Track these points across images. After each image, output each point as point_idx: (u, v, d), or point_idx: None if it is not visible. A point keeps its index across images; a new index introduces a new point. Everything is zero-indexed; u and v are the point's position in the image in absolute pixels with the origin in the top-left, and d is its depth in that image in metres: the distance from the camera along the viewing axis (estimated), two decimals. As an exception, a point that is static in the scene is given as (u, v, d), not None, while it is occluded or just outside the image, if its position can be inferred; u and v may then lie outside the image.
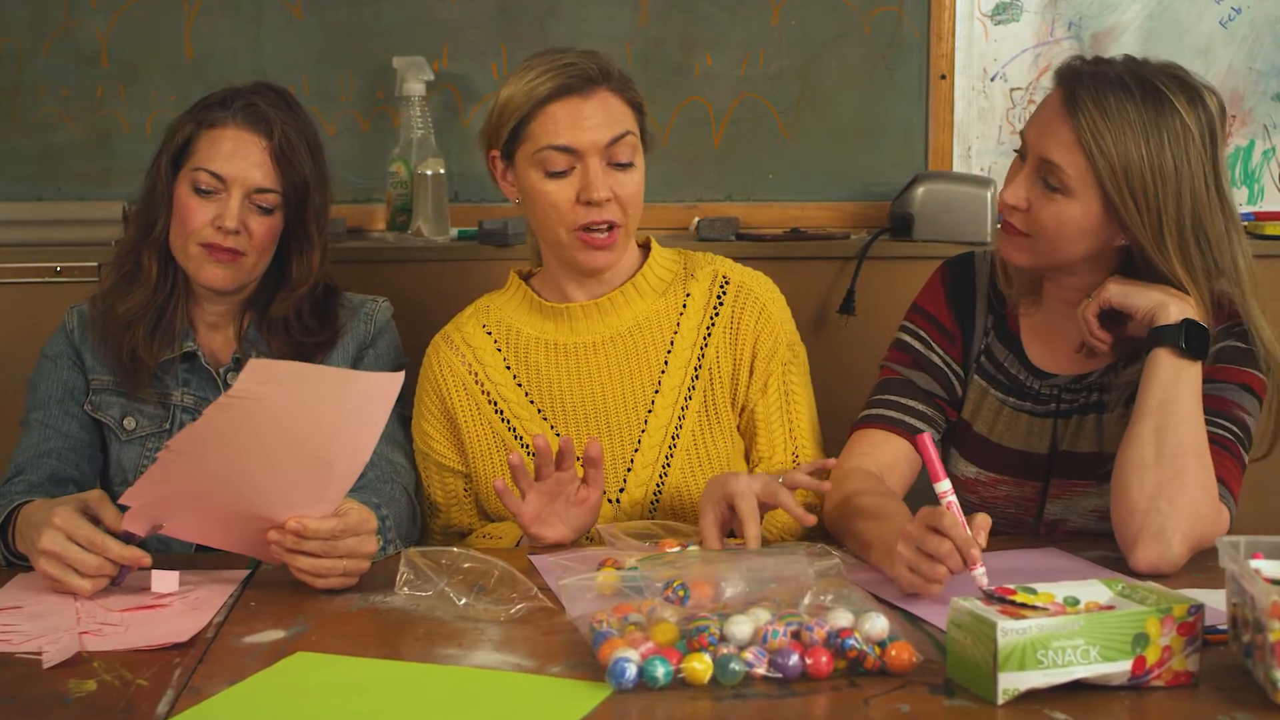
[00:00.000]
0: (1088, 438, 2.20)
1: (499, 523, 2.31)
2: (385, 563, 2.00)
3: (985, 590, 1.67)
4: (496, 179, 2.30)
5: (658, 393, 2.30)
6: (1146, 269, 2.10)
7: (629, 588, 1.77)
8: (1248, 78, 3.13)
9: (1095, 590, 1.63)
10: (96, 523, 1.92)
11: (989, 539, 1.84)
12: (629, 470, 2.28)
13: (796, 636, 1.61)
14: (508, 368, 2.32)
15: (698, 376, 2.30)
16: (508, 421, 2.30)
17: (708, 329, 2.31)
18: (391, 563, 1.95)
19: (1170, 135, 2.04)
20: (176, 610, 1.87)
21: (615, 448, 2.28)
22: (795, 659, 1.59)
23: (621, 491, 2.27)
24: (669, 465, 2.28)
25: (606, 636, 1.62)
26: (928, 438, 1.86)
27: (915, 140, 3.10)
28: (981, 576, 1.78)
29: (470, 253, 2.90)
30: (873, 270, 2.95)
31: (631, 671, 1.56)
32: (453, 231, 2.95)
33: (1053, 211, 2.09)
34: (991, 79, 3.11)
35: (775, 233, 3.03)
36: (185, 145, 2.27)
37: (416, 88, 2.92)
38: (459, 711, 1.57)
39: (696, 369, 2.30)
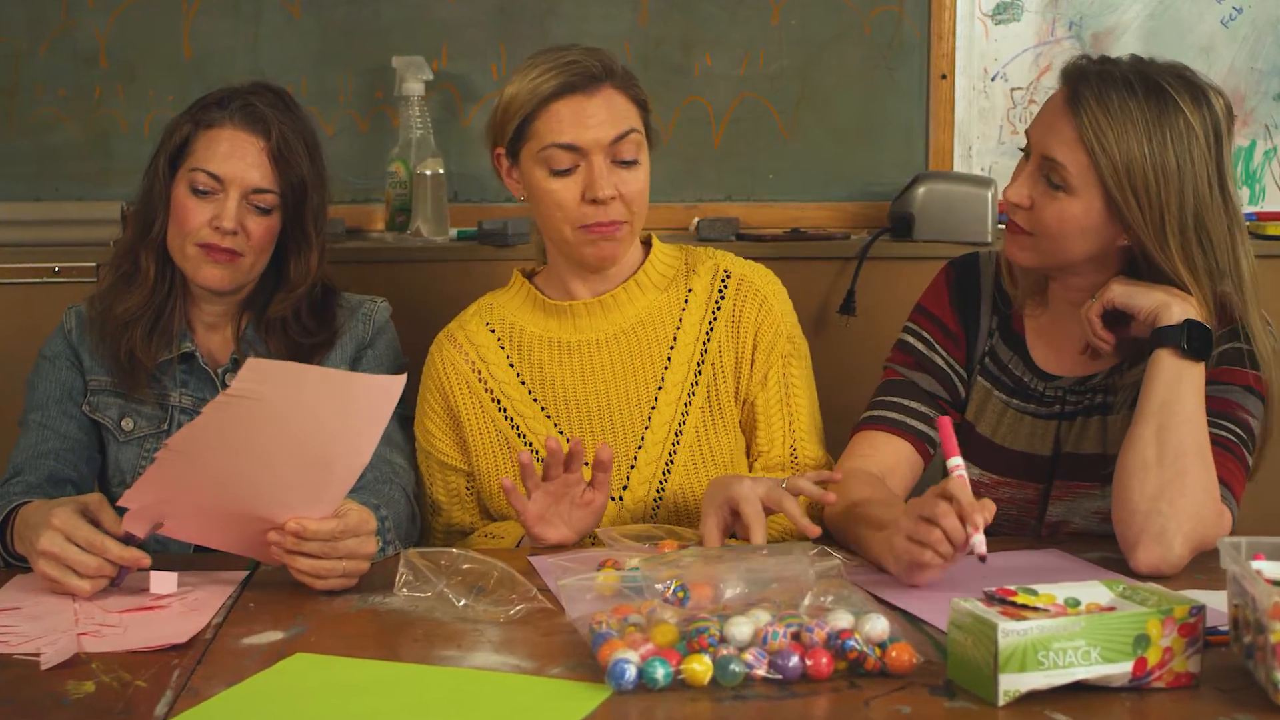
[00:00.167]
0: (1091, 439, 2.19)
1: (501, 522, 2.31)
2: (384, 564, 2.00)
3: (986, 590, 1.66)
4: (501, 176, 2.30)
5: (661, 389, 2.30)
6: (1149, 270, 2.09)
7: (629, 589, 1.76)
8: (1249, 77, 3.13)
9: (1096, 591, 1.63)
10: (96, 525, 1.92)
11: (990, 540, 1.83)
12: (632, 467, 2.28)
13: (797, 638, 1.61)
14: (511, 365, 2.31)
15: (701, 372, 2.30)
16: (511, 420, 2.30)
17: (710, 324, 2.31)
18: (390, 564, 1.95)
19: (1173, 134, 2.03)
20: (175, 611, 1.86)
21: (619, 445, 2.28)
22: (795, 660, 1.59)
23: (625, 489, 2.27)
24: (672, 462, 2.28)
25: (606, 638, 1.61)
26: (948, 421, 1.86)
27: (916, 140, 3.10)
28: (979, 544, 1.78)
29: (470, 253, 2.89)
30: (873, 270, 2.95)
31: (631, 673, 1.55)
32: (452, 232, 2.95)
33: (1055, 209, 2.09)
34: (992, 79, 3.10)
35: (775, 233, 3.02)
36: (183, 145, 2.27)
37: (415, 87, 2.91)
38: (458, 713, 1.56)
39: (699, 364, 2.30)
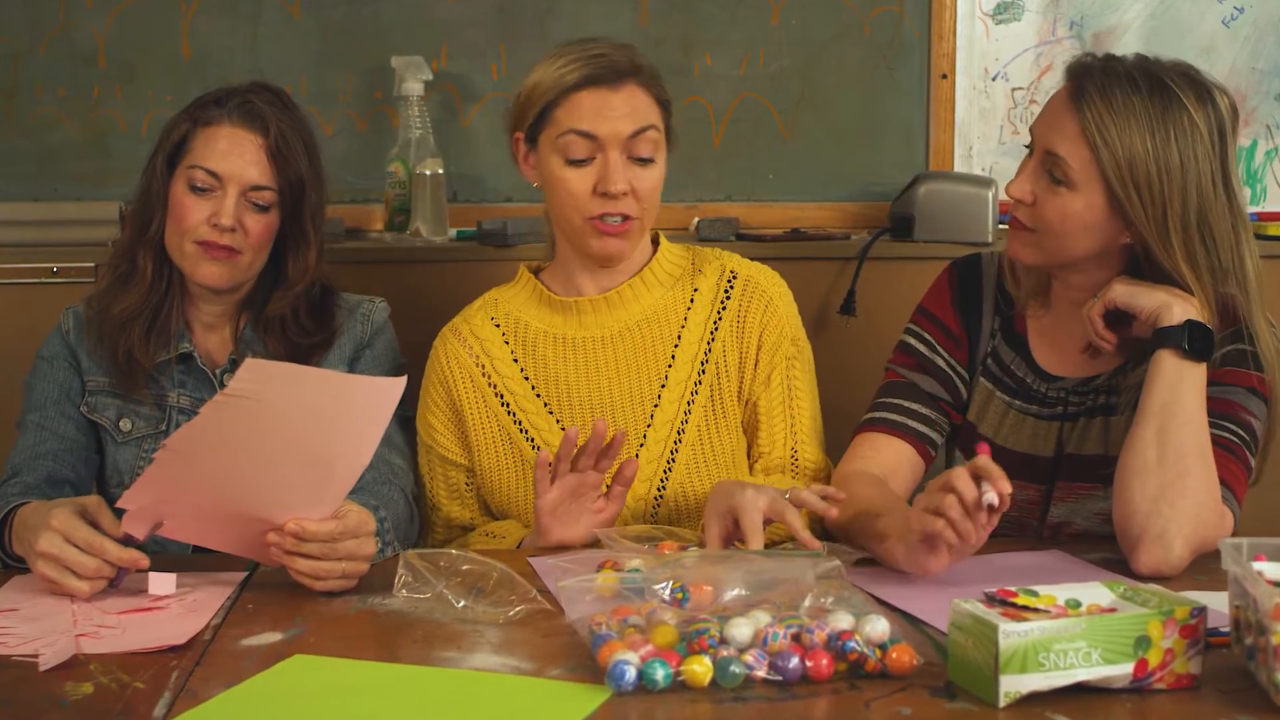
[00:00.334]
0: (1094, 440, 2.19)
1: (501, 521, 2.31)
2: (383, 565, 2.00)
3: (987, 591, 1.65)
4: (518, 161, 2.31)
5: (664, 387, 2.30)
6: (1152, 270, 2.09)
7: (628, 590, 1.76)
8: (1250, 77, 3.12)
9: (1097, 592, 1.62)
10: (94, 527, 1.91)
11: (991, 541, 1.84)
12: None
13: (797, 639, 1.61)
14: (515, 360, 2.32)
15: (704, 371, 2.30)
16: (514, 414, 2.30)
17: (715, 323, 2.32)
18: (390, 565, 1.95)
19: (1177, 130, 2.03)
20: (174, 612, 1.86)
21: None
22: (796, 661, 1.58)
23: (627, 485, 2.27)
24: (674, 460, 2.28)
25: (606, 639, 1.61)
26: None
27: (916, 140, 3.09)
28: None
29: (469, 253, 2.89)
30: (873, 271, 2.95)
31: (631, 674, 1.55)
32: (451, 232, 2.94)
33: (1057, 205, 2.08)
34: (993, 78, 3.10)
35: (775, 233, 3.02)
36: (181, 144, 2.27)
37: (415, 87, 2.91)
38: (457, 714, 1.56)
39: (703, 363, 2.30)
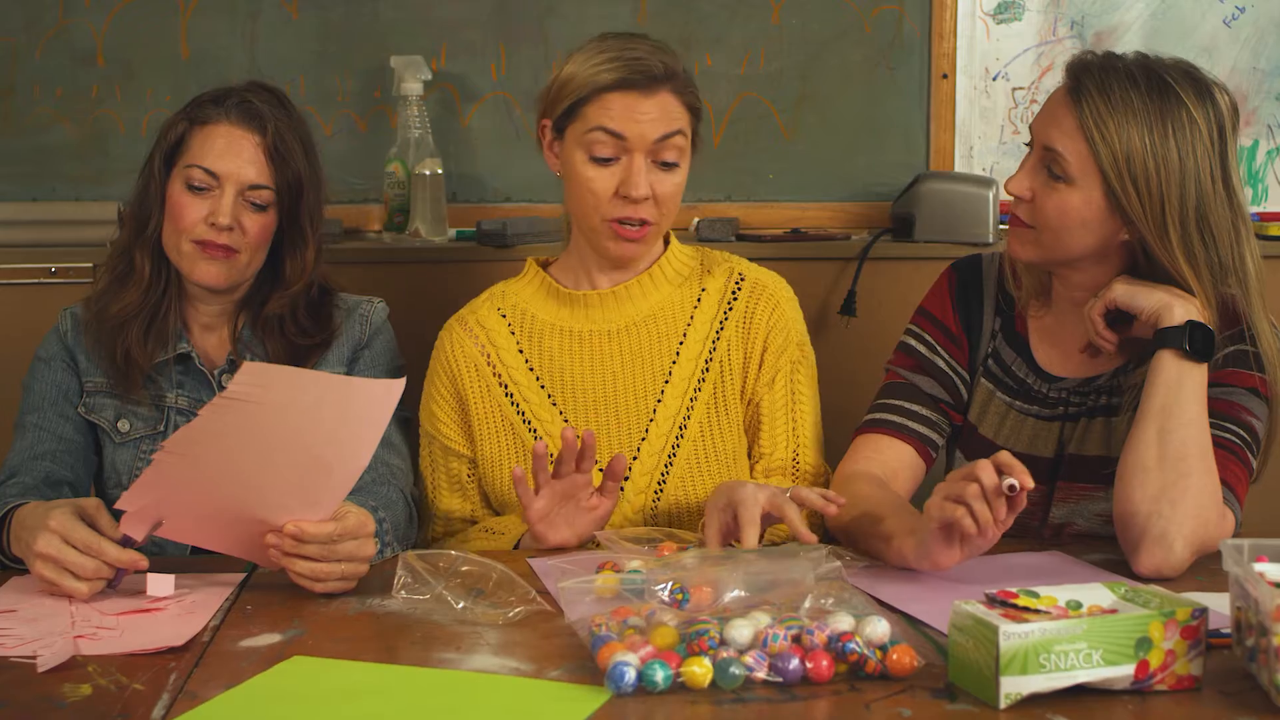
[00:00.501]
0: (1095, 441, 2.18)
1: (502, 517, 2.31)
2: (382, 566, 2.00)
3: (987, 592, 1.65)
4: (543, 147, 2.31)
5: (667, 383, 2.30)
6: (1151, 269, 2.09)
7: (628, 591, 1.76)
8: (1252, 77, 3.12)
9: (1098, 594, 1.62)
10: (93, 528, 1.91)
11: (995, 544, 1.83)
12: (634, 459, 2.28)
13: (797, 640, 1.60)
14: (520, 351, 2.32)
15: (708, 369, 2.31)
16: (517, 405, 2.30)
17: (721, 323, 2.32)
18: (389, 566, 1.95)
19: (1175, 126, 2.02)
20: (172, 614, 1.86)
21: (623, 436, 2.29)
22: (796, 663, 1.58)
23: (626, 480, 2.27)
24: (675, 456, 2.28)
25: (605, 640, 1.61)
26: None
27: (916, 140, 3.09)
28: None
29: (468, 254, 2.89)
30: (874, 271, 2.95)
31: (631, 675, 1.55)
32: (451, 232, 2.94)
33: (1056, 201, 2.08)
34: (994, 78, 3.09)
35: (775, 233, 3.02)
36: (178, 143, 2.27)
37: (414, 87, 2.91)
38: (457, 716, 1.55)
39: (708, 362, 2.31)
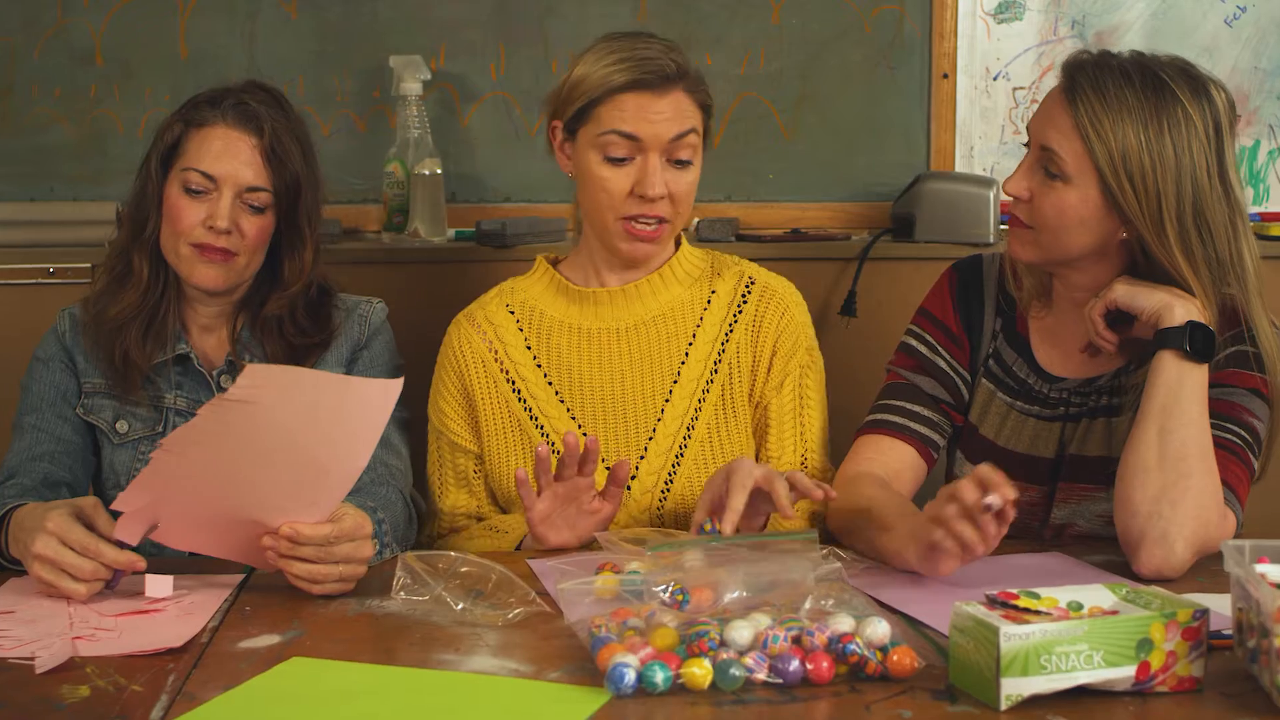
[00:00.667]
0: (1096, 441, 2.18)
1: (507, 515, 2.31)
2: (381, 567, 1.99)
3: (988, 593, 1.65)
4: (554, 148, 2.31)
5: (676, 383, 2.30)
6: (1151, 268, 2.08)
7: (628, 592, 1.76)
8: (1253, 77, 3.11)
9: (1099, 595, 1.62)
10: (91, 529, 1.90)
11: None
12: (642, 458, 2.28)
13: (797, 641, 1.60)
14: (529, 348, 2.32)
15: (717, 370, 2.31)
16: (524, 402, 2.30)
17: (730, 325, 2.32)
18: (388, 567, 1.94)
19: (1170, 123, 2.02)
20: (171, 615, 1.85)
21: (630, 435, 2.29)
22: (796, 664, 1.58)
23: (633, 478, 2.27)
24: (682, 456, 2.28)
25: (605, 641, 1.61)
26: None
27: (917, 140, 3.09)
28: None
29: (468, 254, 2.89)
30: (874, 271, 2.94)
31: (630, 677, 1.54)
32: (450, 232, 2.94)
33: (1053, 200, 2.08)
34: (994, 78, 3.09)
35: (775, 233, 3.01)
36: (174, 145, 2.26)
37: (413, 87, 2.90)
38: (456, 717, 1.55)
39: (716, 363, 2.31)
